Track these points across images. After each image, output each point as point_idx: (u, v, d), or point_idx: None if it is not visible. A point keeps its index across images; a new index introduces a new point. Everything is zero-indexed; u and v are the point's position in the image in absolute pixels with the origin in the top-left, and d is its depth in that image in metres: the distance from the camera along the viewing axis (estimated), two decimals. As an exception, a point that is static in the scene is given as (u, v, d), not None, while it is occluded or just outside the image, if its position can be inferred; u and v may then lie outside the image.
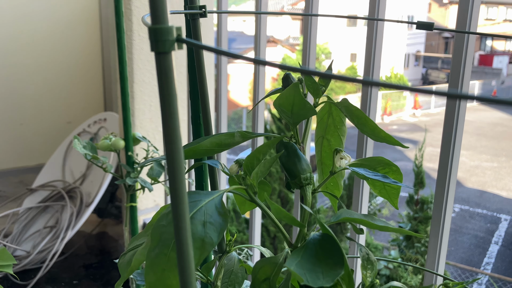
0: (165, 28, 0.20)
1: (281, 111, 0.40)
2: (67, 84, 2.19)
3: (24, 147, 2.14)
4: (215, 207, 0.34)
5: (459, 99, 0.56)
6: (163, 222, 0.32)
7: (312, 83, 0.43)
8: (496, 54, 22.67)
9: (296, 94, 0.38)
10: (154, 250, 0.31)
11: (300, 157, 0.42)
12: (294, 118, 0.40)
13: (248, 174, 0.38)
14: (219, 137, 0.41)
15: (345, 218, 0.37)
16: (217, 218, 0.34)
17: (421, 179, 4.96)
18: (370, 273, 0.35)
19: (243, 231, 5.06)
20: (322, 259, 0.34)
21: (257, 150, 0.37)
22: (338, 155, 0.43)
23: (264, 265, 0.38)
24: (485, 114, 14.87)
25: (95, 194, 1.55)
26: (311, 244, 0.35)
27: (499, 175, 9.46)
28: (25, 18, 2.04)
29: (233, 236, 0.50)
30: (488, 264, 6.26)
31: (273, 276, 0.37)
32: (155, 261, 0.31)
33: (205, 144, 0.40)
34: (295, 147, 0.42)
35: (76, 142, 0.71)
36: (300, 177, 0.41)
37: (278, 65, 0.24)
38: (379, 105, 15.25)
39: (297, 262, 0.33)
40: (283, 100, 0.39)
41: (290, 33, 19.24)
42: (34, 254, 1.39)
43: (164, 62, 0.21)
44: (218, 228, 0.33)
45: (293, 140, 0.44)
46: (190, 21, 0.44)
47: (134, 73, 1.43)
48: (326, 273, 0.32)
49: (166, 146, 0.21)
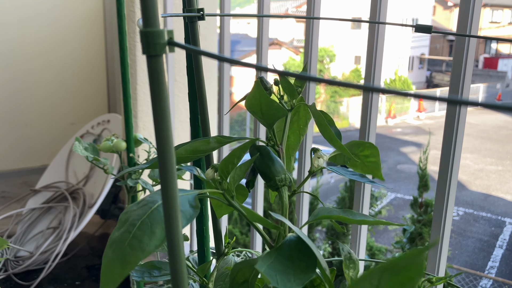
0: (156, 31, 0.20)
1: (253, 113, 0.40)
2: (71, 85, 2.20)
3: (28, 148, 2.15)
4: (187, 200, 0.34)
5: (459, 105, 0.56)
6: (133, 208, 0.33)
7: (288, 85, 0.43)
8: (501, 57, 22.59)
9: (261, 94, 0.38)
10: (118, 230, 0.31)
11: (273, 159, 0.42)
12: (266, 119, 0.40)
13: (224, 178, 0.38)
14: (193, 144, 0.40)
15: (322, 216, 0.37)
16: (188, 208, 0.34)
17: (425, 182, 4.95)
18: (352, 272, 0.35)
19: (246, 233, 5.06)
20: (296, 261, 0.34)
21: (231, 155, 0.37)
22: (316, 154, 0.43)
23: (242, 268, 0.38)
24: (489, 117, 14.81)
25: (98, 195, 1.56)
26: (286, 246, 0.35)
27: (503, 179, 9.41)
28: (29, 21, 2.05)
29: (232, 238, 0.50)
30: (493, 268, 6.23)
31: (251, 279, 0.37)
32: (117, 240, 0.31)
33: (179, 152, 0.40)
34: (268, 149, 0.42)
35: (76, 144, 0.71)
36: (275, 179, 0.41)
37: (275, 70, 0.24)
38: (383, 107, 15.22)
39: (269, 264, 0.33)
40: (251, 101, 0.39)
41: (294, 35, 19.26)
42: (37, 254, 1.40)
43: (155, 65, 0.21)
44: (187, 216, 0.33)
45: (271, 143, 0.44)
46: (188, 24, 0.44)
47: (137, 75, 1.44)
48: (297, 276, 0.32)
49: (158, 147, 0.21)
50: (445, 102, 0.50)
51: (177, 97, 1.47)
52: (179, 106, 1.50)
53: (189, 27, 0.44)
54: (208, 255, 0.50)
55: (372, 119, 0.78)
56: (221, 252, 0.48)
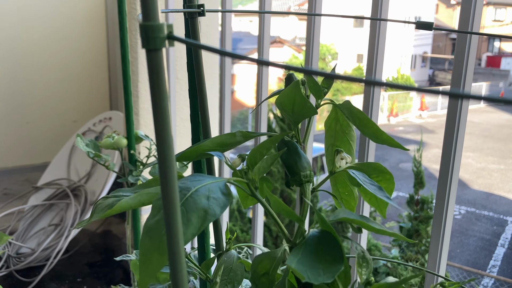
0: (155, 25, 0.20)
1: (283, 110, 0.40)
2: (73, 83, 2.20)
3: (30, 146, 2.15)
4: (219, 188, 0.35)
5: (461, 98, 0.56)
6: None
7: (314, 85, 0.43)
8: (504, 55, 22.53)
9: (297, 93, 0.38)
10: (153, 218, 0.31)
11: (300, 155, 0.42)
12: (295, 117, 0.41)
13: (250, 168, 0.38)
14: (221, 137, 0.41)
15: (343, 218, 0.38)
16: (221, 196, 0.34)
17: (420, 179, 5.00)
18: (365, 271, 0.35)
19: (247, 231, 5.06)
20: (322, 255, 0.34)
21: (261, 145, 0.38)
22: (339, 155, 0.43)
23: (263, 260, 0.38)
24: (492, 115, 14.78)
25: (99, 193, 1.56)
26: (310, 241, 0.35)
27: (506, 177, 9.40)
28: (30, 19, 2.05)
29: (232, 235, 0.51)
30: (494, 266, 6.22)
31: (272, 270, 0.38)
32: (153, 227, 0.31)
33: (206, 145, 0.41)
34: (296, 145, 0.43)
35: (78, 140, 0.71)
36: (300, 175, 0.42)
37: (278, 64, 0.24)
38: (386, 106, 15.20)
39: (298, 260, 0.34)
40: (284, 98, 0.39)
41: (296, 33, 19.23)
42: (38, 251, 1.40)
43: (155, 59, 0.21)
44: (221, 203, 0.34)
45: (294, 139, 0.44)
46: (189, 19, 0.44)
47: (139, 72, 1.44)
48: (326, 269, 0.33)
49: (158, 143, 0.21)
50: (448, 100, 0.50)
51: (179, 94, 1.47)
52: (181, 103, 1.50)
53: (189, 23, 0.44)
54: (208, 251, 0.50)
55: (373, 116, 0.77)
56: (221, 248, 0.48)
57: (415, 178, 4.97)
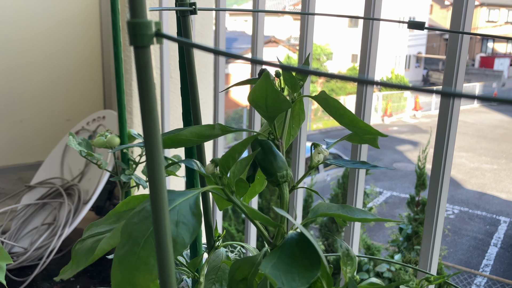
0: (143, 22, 0.20)
1: (256, 106, 0.39)
2: (66, 82, 2.19)
3: (23, 144, 2.14)
4: (189, 207, 0.33)
5: (453, 97, 0.56)
6: (134, 220, 0.31)
7: (290, 77, 0.42)
8: (497, 56, 22.66)
9: (269, 86, 0.37)
10: (123, 248, 0.30)
11: (276, 154, 0.41)
12: (270, 112, 0.40)
13: (224, 173, 0.37)
14: (199, 128, 0.40)
15: (322, 213, 0.37)
16: (191, 219, 0.33)
17: (423, 181, 4.94)
18: (350, 268, 0.35)
19: (242, 231, 5.06)
20: (299, 259, 0.33)
21: (232, 149, 0.37)
22: (316, 149, 0.43)
23: (241, 265, 0.37)
24: (485, 116, 14.86)
25: (92, 192, 1.55)
26: (288, 244, 0.34)
27: (498, 177, 9.46)
28: (24, 17, 2.04)
29: (228, 235, 0.50)
30: (487, 266, 6.26)
31: (251, 276, 0.36)
32: (123, 260, 0.30)
33: (184, 134, 0.39)
34: (270, 144, 0.42)
35: (71, 138, 0.71)
36: (277, 175, 0.40)
37: (270, 63, 0.24)
38: (380, 106, 15.25)
39: (273, 264, 0.32)
40: (256, 93, 0.38)
41: (291, 33, 19.25)
42: (31, 251, 1.39)
43: (142, 57, 0.21)
44: (191, 229, 0.32)
45: (271, 137, 0.43)
46: (181, 18, 0.44)
47: (132, 71, 1.44)
48: (302, 275, 0.31)
49: (145, 141, 0.21)
50: (443, 100, 0.50)
51: (173, 93, 1.47)
52: (174, 103, 1.50)
53: (181, 22, 0.44)
54: (200, 249, 0.50)
55: (366, 116, 0.78)
56: (212, 246, 0.48)
57: (417, 179, 4.91)
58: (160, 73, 1.26)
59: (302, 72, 0.63)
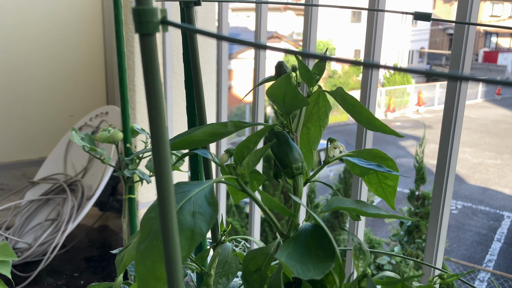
0: (149, 9, 0.20)
1: (274, 101, 0.39)
2: (69, 78, 2.19)
3: (27, 141, 2.14)
4: (204, 197, 0.33)
5: (460, 80, 0.56)
6: (152, 214, 0.32)
7: (306, 72, 0.42)
8: (501, 51, 22.55)
9: (288, 85, 0.37)
10: (144, 242, 0.31)
11: (292, 146, 0.41)
12: (287, 108, 0.40)
13: (238, 163, 0.37)
14: (212, 127, 0.40)
15: (336, 207, 0.37)
16: (207, 208, 0.33)
17: (422, 175, 4.96)
18: (362, 263, 0.35)
19: (246, 226, 5.06)
20: (313, 250, 0.33)
21: (247, 139, 0.37)
22: (332, 144, 0.43)
23: (255, 256, 0.37)
24: (489, 111, 14.81)
25: (96, 187, 1.55)
26: (302, 235, 0.34)
27: (502, 172, 9.43)
28: (27, 13, 2.04)
29: (232, 229, 0.50)
30: (490, 261, 6.25)
31: (264, 266, 0.36)
32: (144, 253, 0.30)
33: (197, 135, 0.39)
34: (287, 136, 0.41)
35: (73, 134, 0.71)
36: (292, 167, 0.40)
37: (274, 47, 0.24)
38: (383, 101, 15.21)
39: (288, 254, 0.32)
40: (274, 90, 0.38)
41: (294, 28, 19.20)
42: (35, 246, 1.40)
43: (148, 44, 0.21)
44: (208, 218, 0.33)
45: (286, 130, 0.43)
46: (185, 9, 0.44)
47: (135, 66, 1.43)
48: (317, 265, 0.31)
49: (152, 133, 0.21)
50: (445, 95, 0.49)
51: (175, 89, 1.46)
52: (177, 98, 1.50)
53: (185, 13, 0.44)
54: (205, 244, 0.50)
55: (370, 107, 0.77)
56: (217, 241, 0.48)
57: (416, 173, 4.93)
58: (163, 68, 1.26)
59: (306, 56, 0.63)
